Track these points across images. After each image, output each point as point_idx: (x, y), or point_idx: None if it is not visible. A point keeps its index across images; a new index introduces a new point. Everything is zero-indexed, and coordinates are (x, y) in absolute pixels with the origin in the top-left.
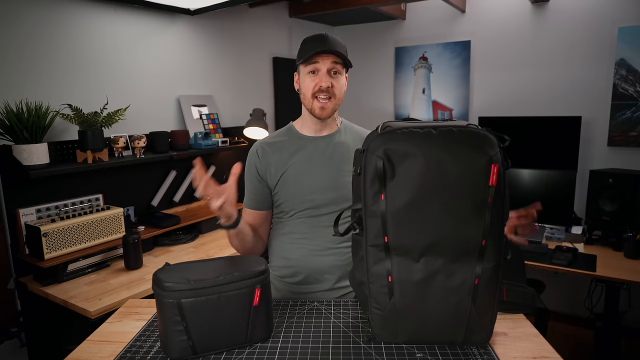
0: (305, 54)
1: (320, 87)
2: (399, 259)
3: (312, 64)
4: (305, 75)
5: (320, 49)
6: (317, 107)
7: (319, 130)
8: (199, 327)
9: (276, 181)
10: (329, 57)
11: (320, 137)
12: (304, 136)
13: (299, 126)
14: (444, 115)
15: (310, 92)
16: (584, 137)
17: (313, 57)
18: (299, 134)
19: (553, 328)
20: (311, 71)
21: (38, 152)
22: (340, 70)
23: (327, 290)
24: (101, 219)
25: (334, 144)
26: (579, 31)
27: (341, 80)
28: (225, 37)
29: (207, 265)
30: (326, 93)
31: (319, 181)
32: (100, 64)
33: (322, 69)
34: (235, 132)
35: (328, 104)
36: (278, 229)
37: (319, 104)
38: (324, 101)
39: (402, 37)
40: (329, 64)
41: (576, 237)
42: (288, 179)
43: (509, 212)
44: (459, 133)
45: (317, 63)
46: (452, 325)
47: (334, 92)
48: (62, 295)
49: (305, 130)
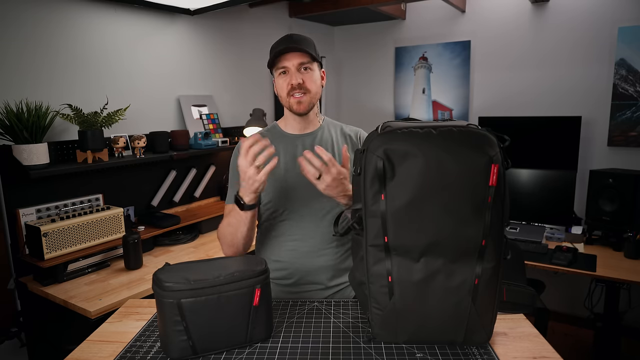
0: (272, 56)
1: (292, 85)
2: (399, 259)
3: (281, 64)
4: (277, 77)
5: (283, 47)
6: (293, 103)
7: (303, 128)
8: (199, 327)
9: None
10: (295, 54)
11: (304, 134)
12: (288, 134)
13: (283, 125)
14: (444, 115)
15: (284, 92)
16: (584, 137)
17: (279, 58)
18: (282, 132)
19: (553, 328)
20: (282, 72)
21: (38, 152)
22: (310, 65)
23: (320, 290)
24: (101, 219)
25: (319, 140)
26: (579, 31)
27: (314, 75)
28: (225, 37)
29: (207, 265)
30: (299, 89)
31: (304, 177)
32: (100, 64)
33: (290, 67)
34: (235, 132)
35: (304, 98)
36: (268, 231)
37: (294, 99)
38: (299, 96)
39: (402, 37)
40: (296, 61)
41: (576, 237)
42: (274, 178)
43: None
44: (459, 133)
45: (285, 62)
46: (452, 325)
47: (307, 87)
48: (62, 295)
49: (289, 128)
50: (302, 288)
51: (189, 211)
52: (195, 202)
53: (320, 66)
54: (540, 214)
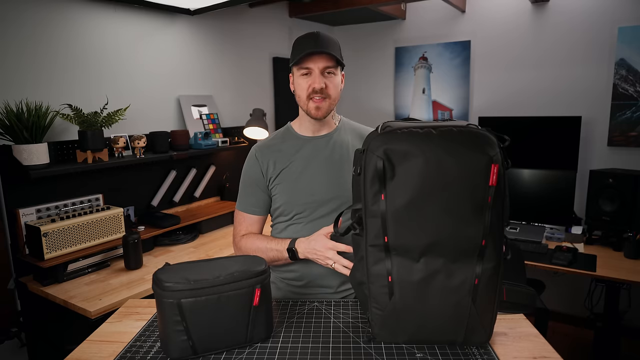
0: (297, 55)
1: (313, 89)
2: (399, 259)
3: (305, 65)
4: (298, 77)
5: (311, 50)
6: (312, 108)
7: (317, 130)
8: (199, 327)
9: (276, 183)
10: (321, 57)
11: (318, 136)
12: (302, 136)
13: (297, 127)
14: (444, 115)
15: (304, 93)
16: (584, 137)
17: (305, 59)
18: (297, 134)
19: (553, 328)
20: (304, 73)
21: (38, 152)
22: (334, 69)
23: (330, 294)
24: (101, 219)
25: (332, 143)
26: (579, 31)
27: (335, 80)
28: (225, 37)
29: (207, 265)
30: (320, 94)
31: (319, 181)
32: (100, 64)
33: (314, 70)
34: (235, 132)
35: (323, 104)
36: (279, 233)
37: (313, 104)
38: (319, 100)
39: (402, 37)
40: (321, 64)
41: (576, 237)
42: (287, 180)
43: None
44: (459, 133)
45: (310, 64)
46: (452, 325)
47: (328, 92)
48: (62, 295)
49: (304, 130)
50: (312, 290)
51: (189, 211)
52: (195, 202)
53: (342, 69)
54: (540, 214)
